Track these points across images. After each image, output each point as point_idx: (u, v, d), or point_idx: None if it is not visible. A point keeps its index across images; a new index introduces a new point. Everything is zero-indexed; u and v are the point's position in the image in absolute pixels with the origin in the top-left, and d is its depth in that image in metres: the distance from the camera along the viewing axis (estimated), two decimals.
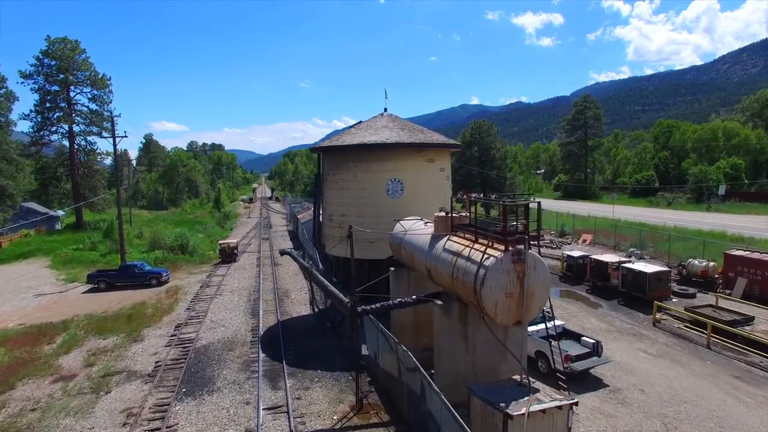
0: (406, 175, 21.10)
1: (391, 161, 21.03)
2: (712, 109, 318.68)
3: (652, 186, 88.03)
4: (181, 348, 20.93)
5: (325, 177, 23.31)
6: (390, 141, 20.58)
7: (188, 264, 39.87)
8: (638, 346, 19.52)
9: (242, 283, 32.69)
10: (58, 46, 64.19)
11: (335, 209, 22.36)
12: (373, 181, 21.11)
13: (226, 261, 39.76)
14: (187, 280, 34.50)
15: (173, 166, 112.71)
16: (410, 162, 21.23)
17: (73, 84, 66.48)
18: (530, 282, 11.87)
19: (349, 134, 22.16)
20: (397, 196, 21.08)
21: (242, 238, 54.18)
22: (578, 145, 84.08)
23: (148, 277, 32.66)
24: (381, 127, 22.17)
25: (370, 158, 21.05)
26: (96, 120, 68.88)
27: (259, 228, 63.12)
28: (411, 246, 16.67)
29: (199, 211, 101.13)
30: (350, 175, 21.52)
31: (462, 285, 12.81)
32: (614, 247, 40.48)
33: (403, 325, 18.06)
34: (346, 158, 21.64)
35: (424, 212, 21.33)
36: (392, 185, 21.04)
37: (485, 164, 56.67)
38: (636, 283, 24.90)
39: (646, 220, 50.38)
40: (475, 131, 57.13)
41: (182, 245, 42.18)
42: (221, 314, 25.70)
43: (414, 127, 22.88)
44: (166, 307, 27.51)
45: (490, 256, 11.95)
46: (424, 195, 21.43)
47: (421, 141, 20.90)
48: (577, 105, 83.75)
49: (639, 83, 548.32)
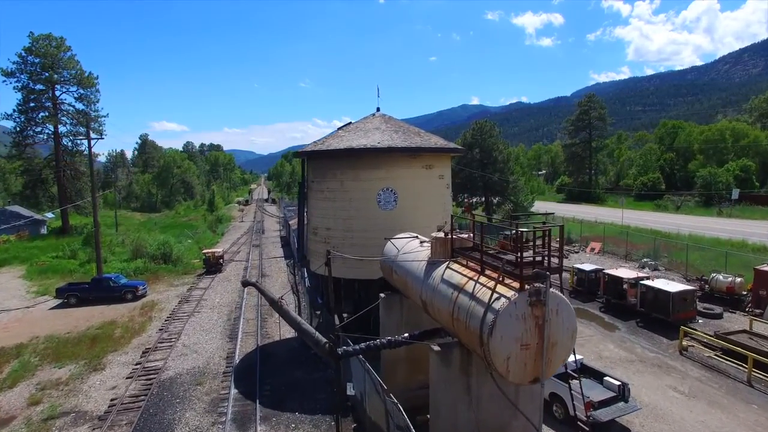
0: (400, 184, 18.55)
1: (383, 168, 18.48)
2: (713, 110, 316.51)
3: (658, 189, 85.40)
4: (144, 380, 18.39)
5: (309, 185, 20.77)
6: (381, 145, 18.02)
7: (170, 275, 37.30)
8: (667, 382, 16.94)
9: (224, 298, 30.14)
10: (42, 43, 61.69)
11: (320, 222, 19.81)
12: (362, 191, 18.56)
13: (210, 271, 37.20)
14: (166, 293, 31.94)
15: (167, 167, 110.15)
16: (405, 169, 18.68)
17: (58, 83, 64.04)
18: (552, 330, 9.33)
19: (336, 137, 19.61)
20: (389, 208, 18.53)
21: (232, 245, 51.62)
22: (582, 146, 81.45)
23: (123, 291, 30.11)
24: (372, 129, 19.61)
25: (359, 165, 18.51)
26: (83, 120, 66.38)
27: (251, 233, 60.54)
28: (404, 271, 14.12)
29: (192, 213, 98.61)
30: (336, 183, 18.97)
31: (464, 329, 10.27)
32: (625, 257, 37.92)
33: (394, 360, 15.50)
34: (331, 165, 19.09)
35: (421, 226, 18.82)
36: (384, 195, 18.48)
37: (487, 167, 54.09)
38: (657, 303, 22.33)
39: (656, 226, 47.82)
40: (477, 132, 54.52)
41: (165, 254, 39.62)
42: (196, 337, 23.15)
43: (409, 128, 20.32)
44: (138, 326, 24.95)
45: (500, 296, 9.40)
46: (420, 206, 18.90)
47: (418, 145, 18.34)
48: (581, 105, 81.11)
49: (639, 83, 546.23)
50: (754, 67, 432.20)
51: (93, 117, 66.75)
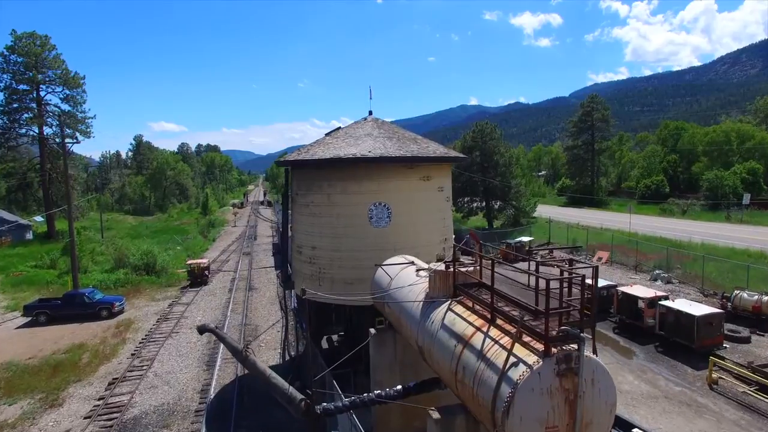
0: (395, 198, 16.39)
1: (375, 180, 16.32)
2: (712, 110, 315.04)
3: (662, 192, 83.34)
4: (104, 421, 16.22)
5: (293, 198, 18.60)
6: (373, 154, 15.86)
7: (152, 287, 35.10)
8: (700, 426, 14.81)
9: (207, 316, 27.94)
10: (26, 41, 59.43)
11: (305, 239, 17.63)
12: (351, 206, 16.40)
13: (195, 284, 34.97)
14: (145, 309, 29.74)
15: (160, 169, 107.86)
16: (400, 181, 16.52)
17: (43, 83, 61.79)
18: (587, 406, 7.17)
19: (323, 145, 17.43)
20: (382, 225, 16.37)
21: (221, 252, 49.40)
22: (584, 148, 79.31)
23: (98, 308, 27.91)
24: (363, 136, 17.44)
25: (348, 176, 16.35)
26: (70, 122, 64.16)
27: (242, 239, 58.30)
28: (398, 306, 11.98)
29: (185, 217, 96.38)
30: (323, 197, 16.80)
31: (471, 396, 8.13)
32: (635, 268, 35.80)
33: (387, 408, 13.34)
34: (316, 176, 16.94)
35: (419, 245, 16.71)
36: (376, 211, 16.32)
37: (488, 170, 51.98)
38: (680, 327, 20.20)
39: (664, 233, 45.70)
40: (477, 134, 52.38)
41: (148, 264, 37.39)
42: (170, 364, 20.98)
43: (405, 134, 18.16)
44: (109, 350, 22.78)
45: (518, 360, 7.26)
46: (418, 223, 16.77)
47: (414, 154, 16.17)
48: (584, 106, 78.97)
49: (638, 84, 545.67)
50: (753, 68, 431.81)
51: (80, 119, 64.65)
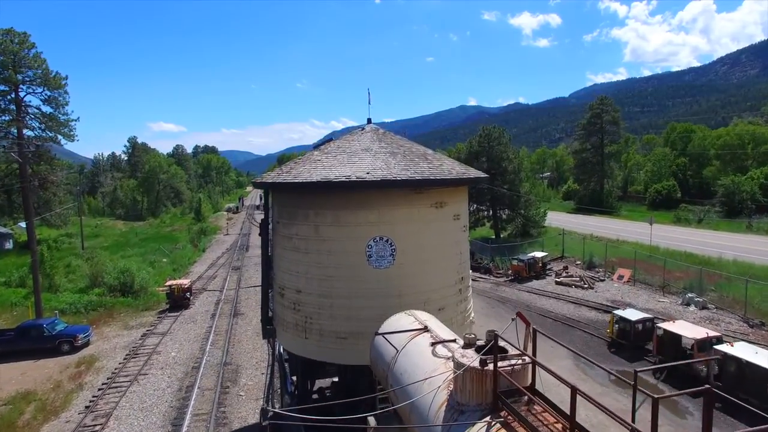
0: (400, 231, 12.92)
1: (375, 208, 12.85)
2: (713, 111, 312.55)
3: (673, 197, 79.95)
4: None
5: (274, 226, 15.11)
6: (372, 177, 12.38)
7: (128, 311, 31.60)
8: None
9: (183, 351, 24.42)
10: (2, 38, 55.87)
11: (288, 280, 14.14)
12: (344, 241, 12.93)
13: (175, 307, 31.45)
14: (114, 341, 26.23)
15: (153, 173, 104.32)
16: (406, 209, 13.05)
17: (22, 83, 58.24)
18: None
19: (310, 162, 13.94)
20: (384, 265, 12.88)
21: (209, 267, 45.86)
22: (593, 152, 75.87)
23: (58, 342, 24.39)
24: (360, 151, 13.94)
25: (340, 204, 12.90)
26: (52, 125, 60.66)
27: (233, 250, 54.76)
28: (408, 403, 8.51)
29: (178, 222, 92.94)
30: (309, 228, 13.33)
31: None
32: (662, 289, 32.35)
33: None
34: (301, 202, 13.49)
35: (429, 290, 13.35)
36: (377, 247, 12.85)
37: (495, 177, 48.49)
38: (745, 382, 16.71)
39: (687, 246, 42.25)
40: (484, 139, 48.92)
41: (125, 284, 33.87)
42: (129, 422, 17.46)
43: (412, 149, 14.65)
44: (60, 401, 19.28)
45: None
46: (428, 261, 13.32)
47: (425, 176, 12.69)
48: (593, 108, 75.43)
49: (637, 85, 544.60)
50: (752, 69, 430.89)
51: (62, 121, 61.12)
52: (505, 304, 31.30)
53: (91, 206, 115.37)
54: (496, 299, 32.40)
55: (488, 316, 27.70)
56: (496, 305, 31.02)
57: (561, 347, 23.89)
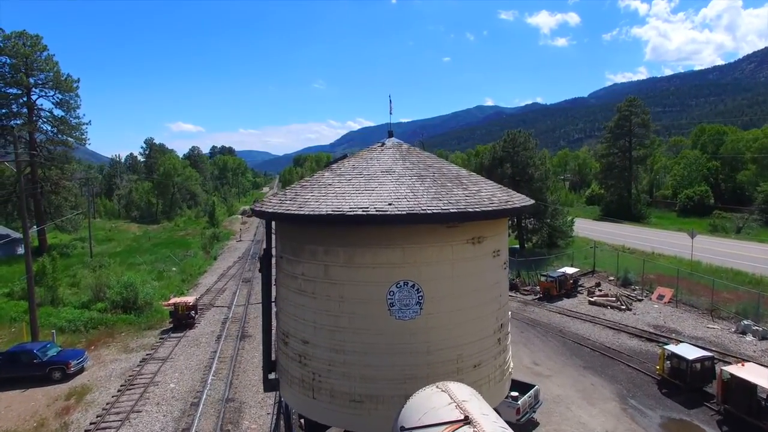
0: (429, 274, 10.45)
1: (399, 246, 10.38)
2: (739, 111, 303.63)
3: (706, 203, 75.95)
4: None
5: (278, 261, 12.75)
6: (396, 209, 9.92)
7: (129, 330, 29.67)
8: None
9: (183, 381, 22.26)
10: (15, 41, 54.91)
11: (293, 327, 11.76)
12: (360, 286, 10.51)
13: (179, 326, 29.43)
14: (110, 367, 24.21)
15: (167, 175, 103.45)
16: (437, 246, 10.55)
17: (35, 86, 57.31)
18: None
19: (320, 185, 11.51)
20: (409, 316, 10.42)
21: (218, 278, 43.89)
22: (621, 156, 72.26)
23: (49, 369, 22.45)
24: (380, 173, 11.47)
25: (356, 240, 10.49)
26: (63, 128, 59.64)
27: (245, 259, 52.77)
28: None
29: (192, 226, 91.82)
30: (317, 268, 10.93)
31: None
32: (710, 312, 29.29)
33: None
34: (308, 237, 11.10)
35: (463, 344, 10.95)
36: (400, 294, 10.38)
37: (520, 185, 45.66)
38: None
39: (730, 260, 38.92)
40: (509, 144, 46.11)
41: (128, 300, 31.98)
42: None
43: (443, 169, 12.09)
44: None
45: None
46: (463, 309, 10.84)
47: (461, 207, 10.15)
48: (621, 110, 71.72)
49: (658, 84, 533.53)
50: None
51: (74, 125, 60.06)
52: (536, 327, 28.58)
53: (106, 208, 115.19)
54: (526, 321, 29.69)
55: (517, 344, 25.00)
56: (526, 329, 28.32)
57: (603, 385, 21.32)
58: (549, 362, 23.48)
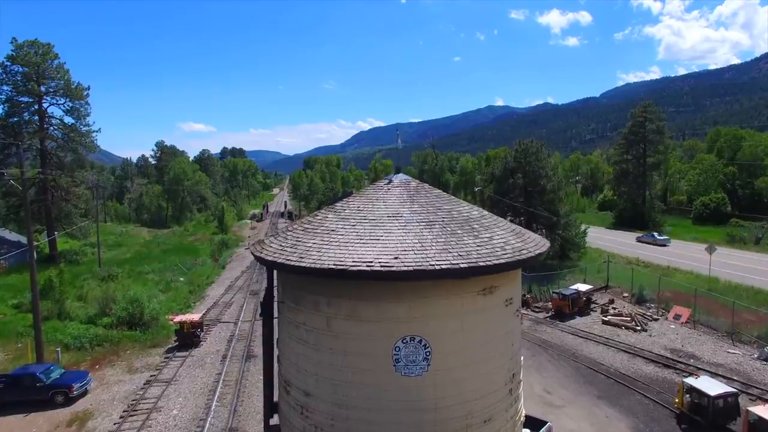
0: (437, 329, 9.88)
1: (405, 301, 9.80)
2: (756, 111, 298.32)
3: (723, 211, 74.29)
4: None
5: (280, 306, 12.21)
6: (403, 264, 9.33)
7: (135, 347, 29.40)
8: None
9: (186, 407, 21.84)
10: (27, 50, 55.18)
11: (294, 377, 11.23)
12: (365, 340, 9.95)
13: (184, 345, 29.08)
14: (114, 389, 23.90)
15: (176, 179, 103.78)
16: (446, 299, 9.96)
17: (46, 94, 57.55)
18: None
19: (322, 230, 10.91)
20: (416, 373, 9.85)
21: (226, 290, 43.58)
22: (635, 163, 70.93)
23: (51, 393, 22.16)
24: (387, 218, 10.84)
25: (360, 293, 9.92)
26: (74, 136, 59.83)
27: (253, 269, 52.43)
28: None
29: (201, 231, 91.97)
30: (319, 319, 10.39)
31: None
32: (731, 336, 28.32)
33: None
34: (309, 287, 10.55)
35: (473, 399, 10.35)
36: (406, 350, 9.81)
37: (532, 195, 44.84)
38: None
39: (750, 275, 37.79)
40: (520, 154, 45.31)
41: (133, 316, 31.72)
42: None
43: (453, 212, 11.38)
44: None
45: None
46: (473, 364, 10.26)
47: (473, 263, 9.54)
48: (635, 116, 70.37)
49: (672, 84, 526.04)
50: None
51: (84, 132, 60.21)
52: (548, 350, 27.79)
53: (117, 212, 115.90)
54: (537, 343, 28.92)
55: (529, 368, 24.24)
56: (537, 352, 27.54)
57: (619, 418, 20.50)
58: (561, 390, 22.72)
